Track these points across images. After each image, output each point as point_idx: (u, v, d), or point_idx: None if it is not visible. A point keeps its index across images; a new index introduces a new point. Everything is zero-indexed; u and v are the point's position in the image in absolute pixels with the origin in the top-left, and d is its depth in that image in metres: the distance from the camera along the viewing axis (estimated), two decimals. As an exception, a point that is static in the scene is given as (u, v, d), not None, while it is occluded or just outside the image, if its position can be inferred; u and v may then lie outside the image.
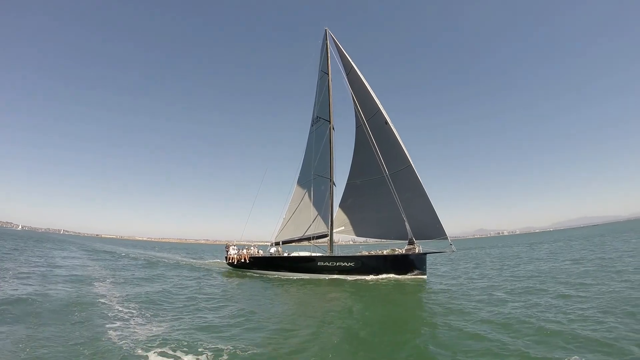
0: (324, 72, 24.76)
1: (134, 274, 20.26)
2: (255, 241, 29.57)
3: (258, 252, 26.23)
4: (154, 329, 8.75)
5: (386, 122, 21.05)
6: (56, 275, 17.63)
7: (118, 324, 9.01)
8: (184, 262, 32.11)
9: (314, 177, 24.23)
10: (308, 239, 24.32)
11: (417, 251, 18.78)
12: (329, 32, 24.70)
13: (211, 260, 37.06)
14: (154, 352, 6.90)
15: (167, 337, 7.84)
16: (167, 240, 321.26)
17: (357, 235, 22.31)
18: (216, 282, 19.00)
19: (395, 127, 20.77)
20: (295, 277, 21.17)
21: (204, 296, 13.96)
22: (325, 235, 23.09)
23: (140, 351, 6.93)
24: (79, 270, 21.02)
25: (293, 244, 25.80)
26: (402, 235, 19.78)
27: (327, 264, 20.62)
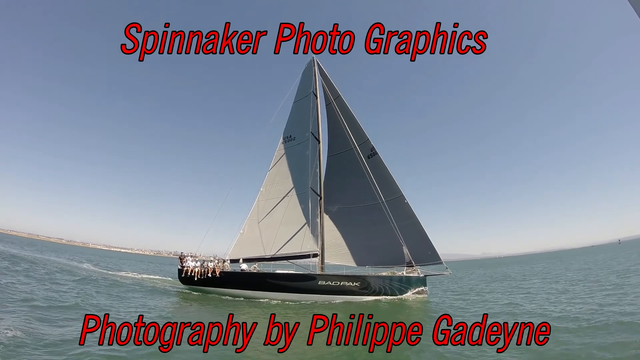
0: (313, 94, 24.87)
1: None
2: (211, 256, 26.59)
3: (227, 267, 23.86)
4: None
5: (374, 152, 22.52)
6: None
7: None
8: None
9: (302, 191, 23.71)
10: (288, 257, 23.18)
11: (417, 274, 19.69)
12: (316, 59, 25.43)
13: (136, 275, 30.29)
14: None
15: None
16: (16, 234, 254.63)
17: (354, 263, 22.19)
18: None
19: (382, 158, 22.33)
20: (283, 300, 18.91)
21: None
22: (313, 255, 22.22)
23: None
24: None
25: (261, 262, 23.66)
26: (398, 261, 20.50)
27: (330, 283, 18.83)
